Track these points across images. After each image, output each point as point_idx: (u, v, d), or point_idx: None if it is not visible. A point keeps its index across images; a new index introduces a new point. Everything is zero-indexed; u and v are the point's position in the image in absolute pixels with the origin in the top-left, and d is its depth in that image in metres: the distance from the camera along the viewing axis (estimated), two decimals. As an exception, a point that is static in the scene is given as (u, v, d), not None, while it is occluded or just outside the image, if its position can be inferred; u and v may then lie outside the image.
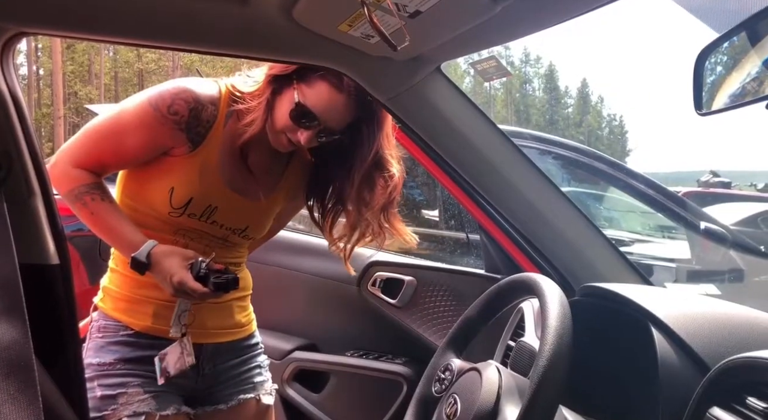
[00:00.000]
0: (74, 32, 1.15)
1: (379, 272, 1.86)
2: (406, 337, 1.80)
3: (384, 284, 1.85)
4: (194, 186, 1.22)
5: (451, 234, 2.80)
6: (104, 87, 31.97)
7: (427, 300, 1.80)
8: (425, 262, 1.93)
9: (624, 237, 3.59)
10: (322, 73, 1.16)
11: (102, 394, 1.19)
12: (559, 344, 0.77)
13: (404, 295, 1.81)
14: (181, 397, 1.26)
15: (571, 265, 1.32)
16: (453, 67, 31.45)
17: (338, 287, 1.91)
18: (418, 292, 1.81)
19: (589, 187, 3.97)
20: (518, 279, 0.98)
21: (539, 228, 1.33)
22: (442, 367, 1.01)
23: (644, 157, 65.30)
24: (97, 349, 1.24)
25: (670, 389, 0.82)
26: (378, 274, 1.86)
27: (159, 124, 1.17)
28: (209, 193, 1.23)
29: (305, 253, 2.00)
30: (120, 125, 1.20)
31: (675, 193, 2.75)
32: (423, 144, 1.33)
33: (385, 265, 1.87)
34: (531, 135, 2.71)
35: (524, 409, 0.73)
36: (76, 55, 30.33)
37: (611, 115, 51.01)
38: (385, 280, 1.85)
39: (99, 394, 1.19)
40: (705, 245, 2.85)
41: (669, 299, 1.00)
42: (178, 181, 1.21)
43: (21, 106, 1.20)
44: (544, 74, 49.19)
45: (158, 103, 1.17)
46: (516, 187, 1.31)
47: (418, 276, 1.82)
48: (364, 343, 1.95)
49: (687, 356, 0.85)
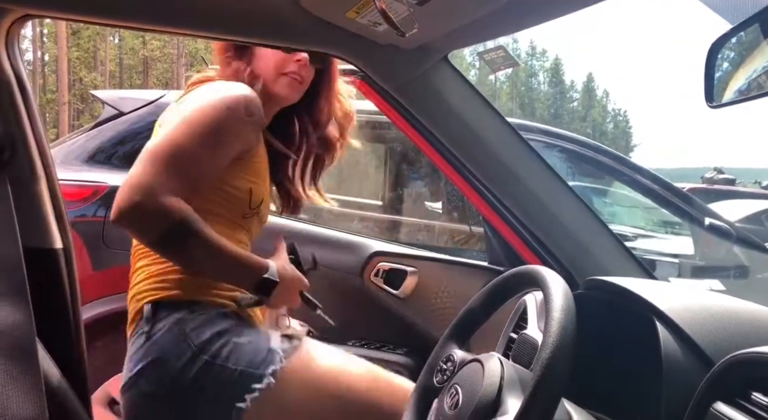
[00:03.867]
0: (79, 15, 1.14)
1: (381, 262, 1.85)
2: (408, 328, 1.80)
3: (386, 275, 1.84)
4: (265, 185, 1.26)
5: (455, 226, 2.80)
6: (109, 74, 31.93)
7: (429, 291, 1.80)
8: (428, 253, 1.93)
9: (628, 232, 3.59)
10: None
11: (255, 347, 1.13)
12: (563, 336, 0.76)
13: (407, 286, 1.81)
14: None
15: (575, 258, 1.31)
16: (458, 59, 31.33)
17: (340, 277, 1.90)
18: (421, 283, 1.81)
19: (593, 182, 3.96)
20: (522, 271, 0.98)
21: (544, 220, 1.33)
22: (444, 357, 1.00)
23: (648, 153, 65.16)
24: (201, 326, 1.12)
25: (674, 384, 0.82)
26: (381, 265, 1.85)
27: (244, 127, 1.15)
28: (268, 189, 1.29)
29: (307, 242, 2.00)
30: (208, 137, 1.10)
31: (680, 189, 2.74)
32: (428, 134, 1.33)
33: (388, 255, 1.86)
34: (537, 128, 2.69)
35: (527, 401, 0.73)
36: (82, 42, 30.28)
37: (616, 110, 50.81)
38: (387, 270, 1.84)
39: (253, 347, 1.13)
40: (709, 241, 2.84)
41: (674, 294, 1.00)
42: (254, 182, 1.22)
43: (26, 89, 1.19)
44: (549, 68, 48.96)
45: (236, 107, 1.13)
46: (521, 179, 1.31)
47: (421, 267, 1.82)
48: (366, 333, 1.95)
49: (691, 351, 0.84)
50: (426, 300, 1.80)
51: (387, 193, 3.75)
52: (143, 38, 31.82)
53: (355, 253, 1.49)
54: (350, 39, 1.11)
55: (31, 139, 1.21)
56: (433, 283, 1.80)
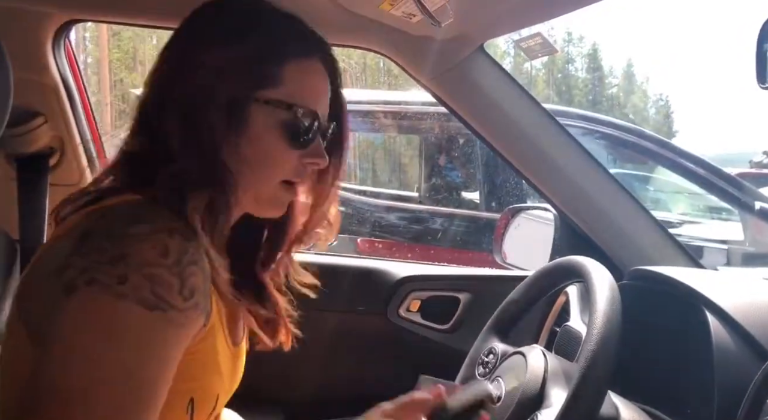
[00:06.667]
0: (122, 18, 1.17)
1: (415, 291, 1.41)
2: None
3: (422, 306, 1.40)
4: (219, 376, 0.73)
5: (492, 215, 2.77)
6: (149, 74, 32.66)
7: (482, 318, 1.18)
8: (477, 271, 1.58)
9: (672, 219, 3.49)
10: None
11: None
12: (609, 328, 0.75)
13: (458, 316, 1.39)
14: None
15: (618, 247, 1.28)
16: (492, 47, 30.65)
17: (351, 320, 1.41)
18: (471, 310, 1.39)
19: (635, 168, 3.86)
20: (565, 262, 0.96)
21: (585, 209, 1.30)
22: (485, 350, 1.00)
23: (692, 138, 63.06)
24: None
25: (727, 375, 0.79)
26: (414, 294, 1.40)
27: (182, 324, 0.62)
28: (226, 371, 0.75)
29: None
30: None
31: (728, 173, 2.64)
32: (466, 125, 1.31)
33: (422, 280, 1.42)
34: (576, 113, 2.64)
35: (573, 393, 0.72)
36: (122, 43, 31.02)
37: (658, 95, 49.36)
38: (424, 300, 1.40)
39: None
40: (760, 227, 2.73)
41: (724, 282, 0.97)
42: (199, 383, 0.70)
43: (72, 93, 1.23)
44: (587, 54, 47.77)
45: (147, 300, 0.59)
46: (561, 168, 1.28)
47: (471, 288, 1.42)
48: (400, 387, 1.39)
49: (744, 342, 0.81)
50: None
51: (422, 184, 3.74)
52: (180, 38, 32.39)
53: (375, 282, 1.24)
54: (384, 32, 1.10)
55: (78, 144, 1.25)
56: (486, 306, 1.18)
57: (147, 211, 0.64)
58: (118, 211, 0.64)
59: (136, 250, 0.59)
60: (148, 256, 0.59)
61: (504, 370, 0.89)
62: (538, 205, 1.53)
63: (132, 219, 0.62)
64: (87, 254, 0.59)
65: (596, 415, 0.74)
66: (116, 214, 0.64)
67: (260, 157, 0.71)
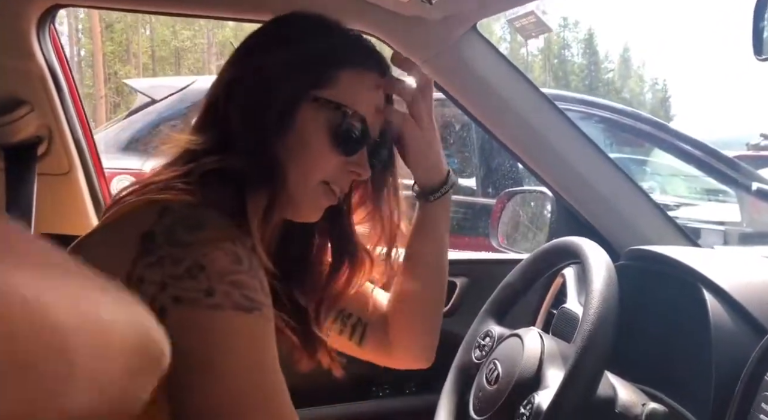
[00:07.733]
0: (110, 3, 1.15)
1: None
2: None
3: None
4: None
5: (489, 201, 2.76)
6: (142, 66, 32.49)
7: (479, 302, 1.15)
8: (473, 255, 1.60)
9: (669, 201, 3.49)
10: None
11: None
12: (605, 308, 0.74)
13: (455, 300, 1.40)
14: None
15: (615, 228, 1.27)
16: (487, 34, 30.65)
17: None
18: (468, 294, 1.41)
19: (632, 151, 3.85)
20: (561, 243, 0.95)
21: (582, 192, 1.29)
22: (482, 333, 0.99)
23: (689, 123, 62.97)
24: None
25: (724, 353, 0.79)
26: None
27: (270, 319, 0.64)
28: None
29: None
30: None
31: (725, 155, 2.63)
32: (460, 108, 1.30)
33: None
34: (573, 97, 2.63)
35: (569, 373, 0.71)
36: (115, 35, 30.82)
37: (654, 80, 49.25)
38: None
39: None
40: (757, 207, 2.73)
41: (721, 260, 0.96)
42: None
43: (59, 80, 1.21)
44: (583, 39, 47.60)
45: (242, 304, 0.60)
46: (557, 149, 1.27)
47: (468, 272, 1.43)
48: (394, 376, 1.37)
49: (742, 319, 0.81)
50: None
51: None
52: (174, 29, 32.20)
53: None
54: (376, 13, 1.08)
55: (67, 133, 1.23)
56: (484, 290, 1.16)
57: (205, 214, 0.62)
58: (177, 213, 0.62)
59: (209, 260, 0.58)
60: (225, 265, 0.59)
61: (500, 353, 0.89)
62: (535, 188, 1.52)
63: (194, 224, 0.60)
64: (158, 265, 0.58)
65: (593, 395, 0.73)
66: (175, 215, 0.61)
67: (304, 155, 0.73)
